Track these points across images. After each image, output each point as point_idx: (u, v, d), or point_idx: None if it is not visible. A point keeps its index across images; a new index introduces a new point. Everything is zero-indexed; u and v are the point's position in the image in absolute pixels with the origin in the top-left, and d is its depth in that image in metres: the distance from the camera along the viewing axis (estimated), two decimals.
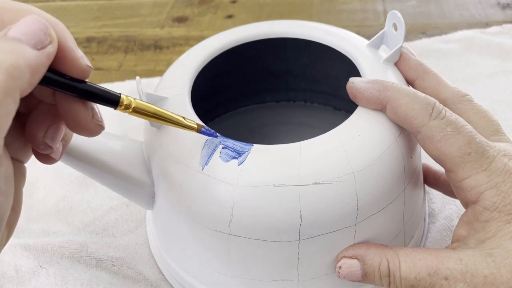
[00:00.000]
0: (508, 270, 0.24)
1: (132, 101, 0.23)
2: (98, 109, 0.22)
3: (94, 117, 0.22)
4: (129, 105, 0.23)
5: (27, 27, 0.18)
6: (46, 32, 0.19)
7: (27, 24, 0.18)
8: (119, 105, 0.22)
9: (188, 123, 0.26)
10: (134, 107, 0.23)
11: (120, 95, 0.23)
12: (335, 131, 0.28)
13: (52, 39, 0.19)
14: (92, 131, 0.22)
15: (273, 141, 0.33)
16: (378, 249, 0.27)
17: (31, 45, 0.18)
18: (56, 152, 0.23)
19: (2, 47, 0.17)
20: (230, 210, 0.26)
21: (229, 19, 0.66)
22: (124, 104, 0.23)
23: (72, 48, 0.20)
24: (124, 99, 0.23)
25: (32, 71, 0.18)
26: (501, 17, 0.60)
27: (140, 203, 0.33)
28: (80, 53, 0.20)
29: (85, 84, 0.21)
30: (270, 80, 0.43)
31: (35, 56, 0.18)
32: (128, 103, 0.23)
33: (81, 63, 0.20)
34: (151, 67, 0.58)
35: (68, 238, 0.37)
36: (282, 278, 0.28)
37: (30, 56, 0.18)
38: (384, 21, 0.37)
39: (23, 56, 0.17)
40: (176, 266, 0.32)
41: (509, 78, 0.50)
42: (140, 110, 0.24)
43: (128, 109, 0.23)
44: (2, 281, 0.35)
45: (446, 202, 0.38)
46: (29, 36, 0.18)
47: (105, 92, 0.22)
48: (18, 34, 0.18)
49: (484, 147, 0.26)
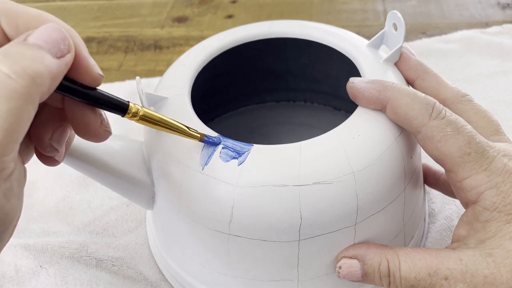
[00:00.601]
0: (508, 270, 0.24)
1: (140, 109, 0.24)
2: (106, 116, 0.23)
3: (103, 123, 0.22)
4: (136, 113, 0.24)
5: (48, 35, 0.19)
6: (66, 41, 0.19)
7: (47, 32, 0.19)
8: (127, 112, 0.23)
9: (192, 133, 0.26)
10: (141, 115, 0.24)
11: (128, 103, 0.23)
12: (335, 131, 0.28)
13: (71, 48, 0.19)
14: (100, 137, 0.23)
15: (273, 141, 0.33)
16: (378, 249, 0.27)
17: (52, 53, 0.18)
18: (59, 154, 0.23)
19: (25, 53, 0.18)
20: (230, 210, 0.26)
21: (229, 19, 0.66)
22: (132, 112, 0.23)
23: (86, 56, 0.20)
24: (132, 107, 0.23)
25: (52, 78, 0.18)
26: (501, 17, 0.60)
27: (140, 203, 0.33)
28: (92, 61, 0.21)
29: (96, 91, 0.21)
30: (270, 80, 0.43)
31: (55, 64, 0.18)
32: (136, 111, 0.23)
33: (94, 71, 0.21)
34: (151, 67, 0.58)
35: (68, 238, 0.37)
36: (282, 278, 0.28)
37: (51, 64, 0.18)
38: (384, 21, 0.37)
39: (45, 63, 0.18)
40: (176, 266, 0.32)
41: (509, 78, 0.50)
42: (147, 118, 0.24)
43: (135, 116, 0.24)
44: (2, 281, 0.35)
45: (446, 202, 0.38)
46: (50, 44, 0.18)
47: (115, 100, 0.22)
48: (39, 41, 0.18)
49: (484, 147, 0.26)
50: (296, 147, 0.27)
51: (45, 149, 0.22)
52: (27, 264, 0.35)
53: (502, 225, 0.25)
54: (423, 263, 0.26)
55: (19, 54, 0.18)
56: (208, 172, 0.27)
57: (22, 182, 0.19)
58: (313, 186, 0.26)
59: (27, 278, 0.35)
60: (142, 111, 0.24)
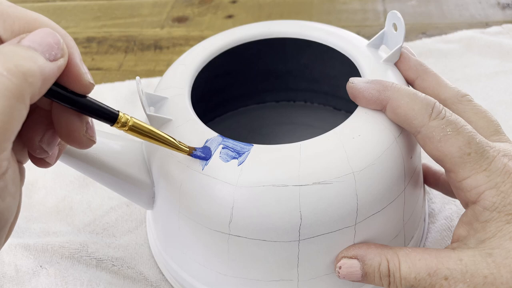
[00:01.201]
0: (508, 270, 0.24)
1: (129, 119, 0.23)
2: (93, 124, 0.23)
3: (88, 132, 0.22)
4: (125, 123, 0.23)
5: (42, 38, 0.19)
6: (59, 46, 0.19)
7: (41, 36, 0.19)
8: (116, 122, 0.23)
9: (181, 146, 0.26)
10: (130, 126, 0.23)
11: (118, 112, 0.23)
12: (335, 131, 0.28)
13: (64, 53, 0.19)
14: (82, 145, 0.22)
15: (273, 141, 0.33)
16: (378, 249, 0.27)
17: (45, 56, 0.18)
18: (51, 157, 0.23)
19: (18, 53, 0.18)
20: (230, 210, 0.26)
21: (229, 19, 0.66)
22: (121, 121, 0.23)
23: (78, 63, 0.20)
24: (122, 116, 0.23)
25: (43, 80, 0.18)
26: (501, 17, 0.60)
27: (140, 203, 0.33)
28: (84, 69, 0.21)
29: (85, 99, 0.21)
30: (270, 80, 0.43)
31: (47, 66, 0.18)
32: (125, 121, 0.23)
33: (85, 79, 0.21)
34: (151, 67, 0.58)
35: (68, 238, 0.37)
36: (282, 278, 0.28)
37: (43, 65, 0.18)
38: (384, 21, 0.37)
39: (37, 64, 0.18)
40: (176, 266, 0.32)
41: (509, 78, 0.50)
42: (136, 129, 0.24)
43: (124, 126, 0.23)
44: (2, 281, 0.35)
45: (446, 202, 0.38)
46: (43, 47, 0.19)
47: (104, 108, 0.22)
48: (32, 44, 0.18)
49: (484, 147, 0.26)
50: (296, 147, 0.27)
51: (34, 150, 0.22)
52: (27, 264, 0.35)
53: (502, 225, 0.25)
54: (423, 263, 0.26)
55: (12, 53, 0.18)
56: (208, 172, 0.27)
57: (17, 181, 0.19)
58: (313, 186, 0.26)
59: (27, 278, 0.35)
60: (131, 121, 0.24)
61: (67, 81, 0.20)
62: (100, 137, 0.30)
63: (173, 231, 0.31)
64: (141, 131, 0.24)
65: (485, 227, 0.25)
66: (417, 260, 0.26)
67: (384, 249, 0.27)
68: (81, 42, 0.63)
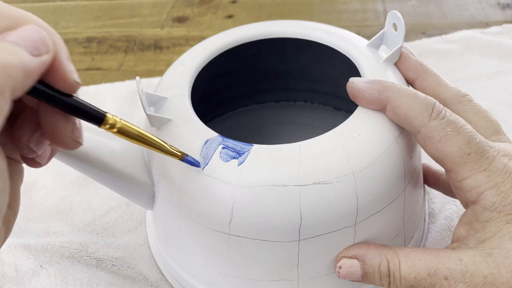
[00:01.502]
0: (508, 270, 0.24)
1: (118, 121, 0.23)
2: (80, 126, 0.22)
3: (74, 133, 0.21)
4: (113, 125, 0.22)
5: (27, 35, 0.18)
6: (44, 42, 0.19)
7: (26, 32, 0.19)
8: (103, 123, 0.22)
9: (171, 150, 0.26)
10: (118, 128, 0.23)
11: (105, 114, 0.22)
12: (335, 131, 0.28)
13: (49, 49, 0.19)
14: (68, 146, 0.22)
15: (273, 141, 0.33)
16: (378, 249, 0.27)
17: (28, 51, 0.18)
18: (42, 157, 0.23)
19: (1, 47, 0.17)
20: (230, 210, 0.26)
21: (229, 19, 0.66)
22: (109, 123, 0.22)
23: (63, 61, 0.20)
24: (110, 118, 0.22)
25: (25, 74, 0.18)
26: (501, 17, 0.60)
27: (140, 203, 0.33)
28: (70, 67, 0.20)
29: (71, 98, 0.21)
30: (270, 80, 0.43)
31: (30, 61, 0.18)
32: (113, 122, 0.22)
33: (69, 77, 0.20)
34: (151, 67, 0.58)
35: (68, 238, 0.37)
36: (282, 278, 0.28)
37: (26, 59, 0.18)
38: (384, 21, 0.37)
39: (19, 58, 0.18)
40: (176, 266, 0.32)
41: (509, 78, 0.50)
42: (125, 132, 0.23)
43: (112, 128, 0.22)
44: (2, 281, 0.35)
45: (446, 202, 0.38)
46: (27, 42, 0.18)
47: (90, 108, 0.21)
48: (17, 39, 0.18)
49: (484, 147, 0.26)
50: (296, 147, 0.27)
51: (22, 150, 0.22)
52: (27, 264, 0.35)
53: (502, 225, 0.25)
54: (423, 263, 0.26)
55: None
56: (208, 172, 0.27)
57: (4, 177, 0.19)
58: (313, 186, 0.26)
59: (27, 278, 0.35)
60: (120, 123, 0.23)
61: (52, 79, 0.20)
62: (100, 137, 0.30)
63: (173, 231, 0.31)
64: (130, 134, 0.23)
65: (485, 227, 0.25)
66: (417, 260, 0.26)
67: (384, 249, 0.27)
68: (81, 42, 0.63)
